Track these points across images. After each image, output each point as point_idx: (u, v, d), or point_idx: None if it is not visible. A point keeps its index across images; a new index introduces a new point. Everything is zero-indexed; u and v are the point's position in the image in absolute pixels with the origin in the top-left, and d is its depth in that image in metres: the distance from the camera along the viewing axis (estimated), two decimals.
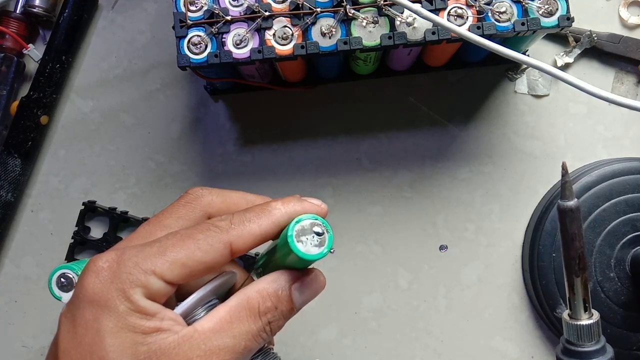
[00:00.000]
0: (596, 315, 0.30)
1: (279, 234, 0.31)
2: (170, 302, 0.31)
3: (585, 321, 0.29)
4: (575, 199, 0.30)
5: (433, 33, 0.42)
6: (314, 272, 0.32)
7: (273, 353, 0.34)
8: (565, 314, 0.30)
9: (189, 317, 0.31)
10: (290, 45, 0.42)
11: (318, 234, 0.29)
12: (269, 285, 0.30)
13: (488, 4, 0.42)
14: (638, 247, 0.47)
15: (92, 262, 0.29)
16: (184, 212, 0.33)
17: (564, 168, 0.30)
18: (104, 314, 0.27)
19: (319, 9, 0.42)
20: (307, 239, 0.29)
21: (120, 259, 0.28)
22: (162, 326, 0.28)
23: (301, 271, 0.32)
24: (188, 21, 0.43)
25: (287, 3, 0.43)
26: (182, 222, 0.33)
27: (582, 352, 0.29)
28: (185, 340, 0.28)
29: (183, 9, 0.43)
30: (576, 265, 0.29)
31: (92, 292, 0.28)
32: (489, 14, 0.42)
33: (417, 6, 0.40)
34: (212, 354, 0.28)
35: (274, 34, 0.42)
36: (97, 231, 0.54)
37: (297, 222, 0.29)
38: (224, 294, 0.34)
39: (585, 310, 0.30)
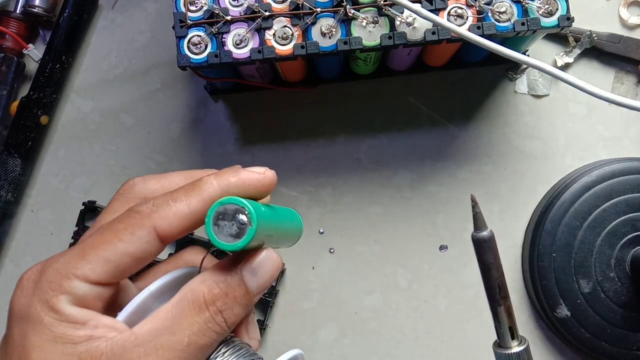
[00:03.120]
0: (525, 341, 0.29)
1: None
2: (123, 303, 0.29)
3: (514, 349, 0.29)
4: (489, 229, 0.29)
5: (433, 33, 0.42)
6: (264, 250, 0.29)
7: (239, 343, 0.30)
8: (494, 344, 0.30)
9: (135, 322, 0.28)
10: (290, 45, 0.42)
11: (240, 222, 0.26)
12: (215, 273, 0.28)
13: (488, 4, 0.42)
14: (638, 247, 0.47)
15: (19, 278, 0.27)
16: (117, 206, 0.31)
17: (473, 200, 0.30)
18: (29, 328, 0.25)
19: (319, 9, 0.42)
20: (225, 224, 0.26)
21: (42, 269, 0.26)
22: (95, 334, 0.25)
23: (250, 252, 0.29)
24: (188, 21, 0.43)
25: (287, 3, 0.43)
26: (115, 217, 0.30)
27: None
28: (119, 344, 0.25)
29: (183, 9, 0.43)
30: (497, 294, 0.28)
31: (17, 308, 0.26)
32: (489, 14, 0.42)
33: (417, 6, 0.40)
34: (147, 355, 0.25)
35: (274, 34, 0.42)
36: None
37: (220, 203, 0.26)
38: None
39: (513, 338, 0.29)
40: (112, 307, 0.28)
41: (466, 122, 0.53)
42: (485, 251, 0.29)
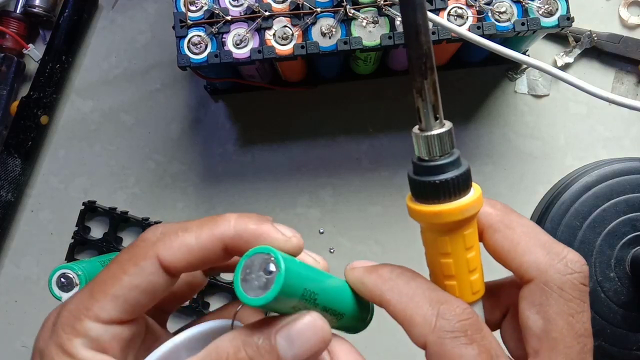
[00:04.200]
0: (448, 124, 0.26)
1: (225, 255, 0.25)
2: (153, 337, 0.27)
3: (435, 130, 0.25)
4: None
5: (433, 33, 0.42)
6: (309, 316, 0.24)
7: None
8: (414, 129, 0.26)
9: None
10: (290, 45, 0.42)
11: (268, 272, 0.23)
12: (247, 333, 0.24)
13: (488, 4, 0.42)
14: (638, 247, 0.47)
15: (46, 317, 0.26)
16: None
17: None
18: None
19: (319, 9, 0.42)
20: (253, 277, 0.23)
21: (60, 310, 0.25)
22: None
23: (292, 316, 0.24)
24: (188, 21, 0.43)
25: (287, 3, 0.43)
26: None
27: (433, 166, 0.25)
28: None
29: (183, 9, 0.43)
30: (423, 65, 0.24)
31: (37, 352, 0.25)
32: (489, 14, 0.42)
33: None
34: None
35: (274, 34, 0.42)
36: (97, 231, 0.54)
37: (247, 255, 0.23)
38: None
39: (436, 119, 0.25)
40: (141, 351, 0.26)
41: (466, 122, 0.53)
42: (413, 9, 0.23)
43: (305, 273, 0.25)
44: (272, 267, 0.23)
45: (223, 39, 0.43)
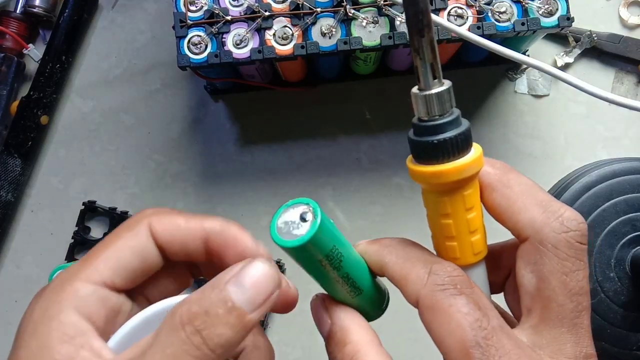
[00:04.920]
0: (447, 83, 0.25)
1: (203, 249, 0.27)
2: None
3: (434, 89, 0.25)
4: None
5: None
6: (255, 261, 0.24)
7: None
8: (413, 89, 0.26)
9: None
10: (290, 45, 0.42)
11: (304, 220, 0.24)
12: (199, 290, 0.24)
13: (488, 4, 0.42)
14: (638, 247, 0.47)
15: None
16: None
17: None
18: (25, 335, 0.24)
19: (319, 9, 0.42)
20: (289, 223, 0.25)
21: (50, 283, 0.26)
22: (76, 357, 0.23)
23: (239, 264, 0.25)
24: (188, 21, 0.43)
25: (287, 3, 0.43)
26: None
27: (432, 126, 0.25)
28: None
29: (183, 9, 0.43)
30: (419, 23, 0.24)
31: (22, 323, 0.24)
32: (489, 14, 0.42)
33: None
34: None
35: (274, 34, 0.42)
36: (97, 231, 0.54)
37: (287, 205, 0.25)
38: None
39: (435, 78, 0.25)
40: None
41: None
42: None
43: (337, 233, 0.26)
44: (309, 216, 0.24)
45: (223, 39, 0.43)
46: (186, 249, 0.27)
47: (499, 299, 0.29)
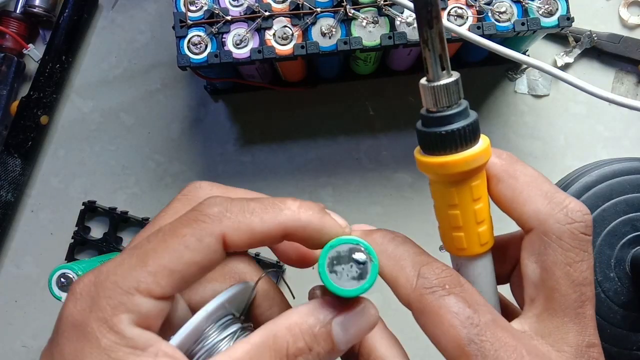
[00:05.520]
0: (455, 74, 0.25)
1: (280, 239, 0.25)
2: (172, 322, 0.26)
3: (442, 81, 0.25)
4: None
5: None
6: (363, 303, 0.25)
7: None
8: (422, 80, 0.25)
9: (190, 351, 0.25)
10: (290, 45, 0.42)
11: (359, 262, 0.24)
12: (303, 320, 0.24)
13: (488, 4, 0.42)
14: (638, 247, 0.47)
15: (71, 287, 0.24)
16: (179, 207, 0.28)
17: None
18: (85, 348, 0.22)
19: (319, 9, 0.42)
20: (343, 269, 0.24)
21: (97, 280, 0.23)
22: None
23: (346, 301, 0.25)
24: (188, 21, 0.43)
25: (287, 3, 0.43)
26: (179, 217, 0.27)
27: (440, 117, 0.25)
28: None
29: (183, 9, 0.43)
30: (428, 14, 0.23)
31: (71, 325, 0.23)
32: (489, 14, 0.42)
33: None
34: None
35: (274, 34, 0.42)
36: (97, 231, 0.54)
37: (331, 246, 0.24)
38: (241, 308, 0.28)
39: (443, 69, 0.25)
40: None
41: None
42: None
43: None
44: (362, 257, 0.24)
45: (223, 39, 0.43)
46: (260, 245, 0.25)
47: (506, 290, 0.30)
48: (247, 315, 0.28)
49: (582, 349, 0.25)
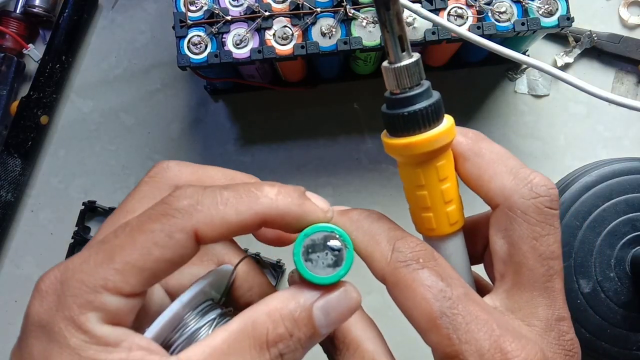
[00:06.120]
0: (416, 55, 0.25)
1: (257, 228, 0.24)
2: (148, 312, 0.25)
3: (403, 62, 0.25)
4: None
5: (433, 33, 0.42)
6: (344, 286, 0.25)
7: None
8: (384, 63, 0.26)
9: (168, 340, 0.24)
10: (290, 45, 0.42)
11: (333, 249, 0.24)
12: (283, 305, 0.23)
13: (488, 4, 0.42)
14: (638, 247, 0.47)
15: (36, 284, 0.23)
16: (147, 190, 0.27)
17: None
18: (54, 349, 0.21)
19: (319, 9, 0.42)
20: (318, 256, 0.23)
21: (63, 277, 0.22)
22: (130, 358, 0.22)
23: (327, 286, 0.24)
24: (188, 21, 0.43)
25: (287, 3, 0.43)
26: (146, 202, 0.26)
27: (402, 99, 0.25)
28: None
29: (183, 9, 0.43)
30: None
31: (37, 325, 0.22)
32: (489, 14, 0.42)
33: (417, 6, 0.40)
34: None
35: (274, 34, 0.42)
36: (96, 231, 0.54)
37: (306, 235, 0.24)
38: (221, 291, 0.27)
39: (403, 51, 0.25)
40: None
41: (466, 122, 0.53)
42: None
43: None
44: (337, 244, 0.24)
45: (223, 39, 0.43)
46: (235, 235, 0.24)
47: (481, 270, 0.30)
48: (227, 298, 0.28)
49: (551, 322, 0.25)
